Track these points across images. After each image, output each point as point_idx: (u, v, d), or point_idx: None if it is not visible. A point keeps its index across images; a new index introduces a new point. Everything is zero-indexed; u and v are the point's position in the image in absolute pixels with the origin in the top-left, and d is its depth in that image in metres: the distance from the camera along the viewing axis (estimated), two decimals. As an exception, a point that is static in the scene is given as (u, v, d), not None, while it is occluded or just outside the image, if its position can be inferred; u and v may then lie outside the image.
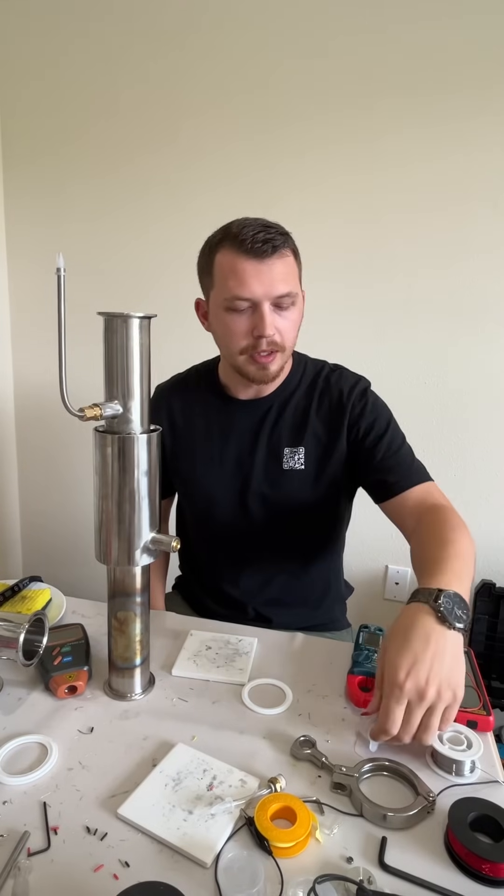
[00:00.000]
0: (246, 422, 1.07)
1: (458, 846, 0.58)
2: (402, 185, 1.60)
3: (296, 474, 1.05)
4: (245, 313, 0.92)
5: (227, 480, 1.08)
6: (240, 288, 0.90)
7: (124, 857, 0.57)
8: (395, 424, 1.07)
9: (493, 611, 1.70)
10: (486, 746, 0.71)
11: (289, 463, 1.05)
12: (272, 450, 1.05)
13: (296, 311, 0.96)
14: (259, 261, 0.89)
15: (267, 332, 0.91)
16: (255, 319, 0.92)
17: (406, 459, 1.04)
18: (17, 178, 1.91)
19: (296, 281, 0.95)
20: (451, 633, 0.69)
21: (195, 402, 1.10)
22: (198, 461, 1.09)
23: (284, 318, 0.94)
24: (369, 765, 0.68)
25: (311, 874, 0.55)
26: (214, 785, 0.65)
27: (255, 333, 0.92)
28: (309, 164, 1.64)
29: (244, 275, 0.89)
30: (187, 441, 1.10)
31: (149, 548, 0.76)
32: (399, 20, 1.51)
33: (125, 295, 1.89)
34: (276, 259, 0.90)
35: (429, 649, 0.67)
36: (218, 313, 0.96)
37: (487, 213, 1.56)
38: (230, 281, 0.90)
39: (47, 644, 0.80)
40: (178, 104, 1.72)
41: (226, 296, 0.92)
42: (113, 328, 0.70)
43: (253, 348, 0.94)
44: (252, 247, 0.88)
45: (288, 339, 0.96)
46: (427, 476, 1.04)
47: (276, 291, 0.90)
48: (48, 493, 2.17)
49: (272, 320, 0.92)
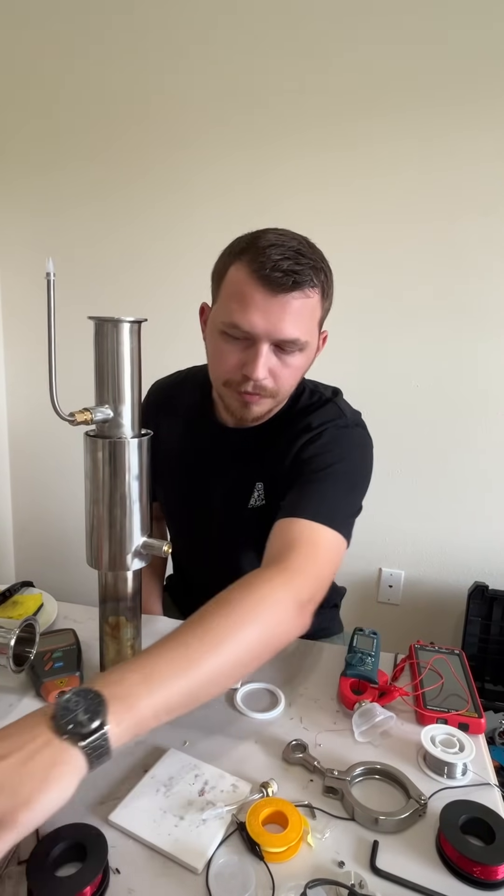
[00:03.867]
0: (226, 452, 0.96)
1: (449, 849, 0.58)
2: (397, 191, 1.61)
3: (258, 511, 0.93)
4: (239, 345, 0.79)
5: (194, 512, 1.01)
6: (240, 316, 0.76)
7: (115, 863, 0.56)
8: (347, 470, 0.85)
9: (485, 613, 1.71)
10: (477, 749, 0.71)
11: (252, 500, 0.93)
12: (242, 485, 0.94)
13: (301, 358, 0.81)
14: (272, 294, 0.74)
15: (256, 376, 0.78)
16: (249, 356, 0.78)
17: (314, 492, 0.80)
18: (7, 182, 1.91)
19: (313, 326, 0.81)
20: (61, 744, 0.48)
21: (183, 418, 1.01)
22: (173, 486, 1.03)
23: (285, 363, 0.80)
24: (361, 768, 0.68)
25: (302, 879, 0.54)
26: (206, 790, 0.65)
27: (244, 372, 0.79)
28: (307, 168, 1.66)
29: (250, 304, 0.75)
30: (167, 463, 1.00)
31: (140, 552, 0.76)
32: (392, 33, 1.53)
33: (118, 300, 1.89)
34: (296, 297, 0.75)
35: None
36: (213, 333, 0.83)
37: (480, 218, 1.58)
38: (233, 304, 0.77)
39: (38, 650, 0.80)
40: (177, 107, 1.72)
41: (224, 319, 0.79)
42: (103, 332, 0.70)
43: (238, 384, 0.81)
44: (270, 274, 0.73)
45: (283, 386, 0.82)
46: (330, 520, 0.76)
47: (280, 334, 0.76)
48: (40, 497, 2.17)
49: (266, 362, 0.78)
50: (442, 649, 0.91)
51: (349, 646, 0.90)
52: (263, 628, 0.63)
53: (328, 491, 0.81)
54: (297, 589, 0.68)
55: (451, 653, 0.90)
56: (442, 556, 1.81)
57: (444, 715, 0.76)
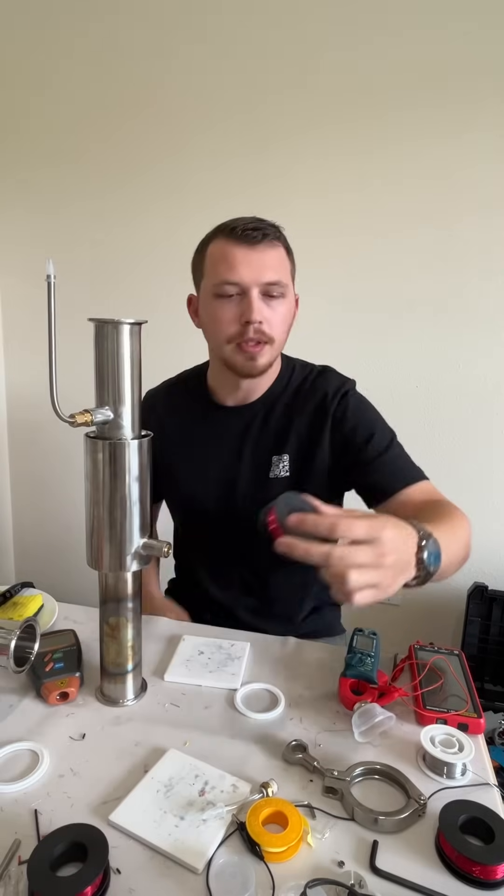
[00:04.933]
0: (232, 429, 1.06)
1: (448, 849, 0.58)
2: (398, 190, 1.62)
3: (281, 482, 1.03)
4: (234, 300, 0.92)
5: (213, 488, 1.07)
6: (229, 272, 0.90)
7: (115, 863, 0.56)
8: (383, 424, 1.04)
9: (485, 613, 1.71)
10: (477, 749, 0.72)
11: (274, 471, 1.03)
12: (258, 458, 1.04)
13: (285, 304, 0.95)
14: (249, 247, 0.90)
15: (254, 318, 0.91)
16: (243, 306, 0.92)
17: (397, 458, 1.00)
18: (9, 184, 1.92)
19: (286, 273, 0.95)
20: (413, 567, 0.67)
21: (182, 408, 1.10)
22: (184, 468, 1.08)
23: (273, 308, 0.93)
24: (360, 768, 0.68)
25: (302, 879, 0.55)
26: (206, 790, 0.65)
27: (243, 319, 0.92)
28: (307, 170, 1.66)
29: (234, 260, 0.90)
30: (174, 447, 1.08)
31: (140, 553, 0.76)
32: (392, 36, 1.53)
33: (118, 301, 1.89)
34: (267, 247, 0.91)
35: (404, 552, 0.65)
36: (207, 302, 0.96)
37: (482, 217, 1.58)
38: (220, 266, 0.92)
39: (39, 650, 0.80)
40: (178, 107, 1.73)
41: (215, 281, 0.92)
42: (104, 334, 0.70)
43: (240, 336, 0.93)
44: (243, 233, 0.90)
45: (276, 331, 0.94)
46: (422, 474, 1.00)
47: (264, 278, 0.91)
48: (40, 498, 2.17)
49: (259, 307, 0.91)
50: (441, 650, 0.91)
51: (349, 646, 0.90)
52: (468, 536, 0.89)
53: (397, 452, 1.01)
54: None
55: (450, 653, 0.90)
56: (442, 556, 1.81)
57: (443, 715, 0.76)
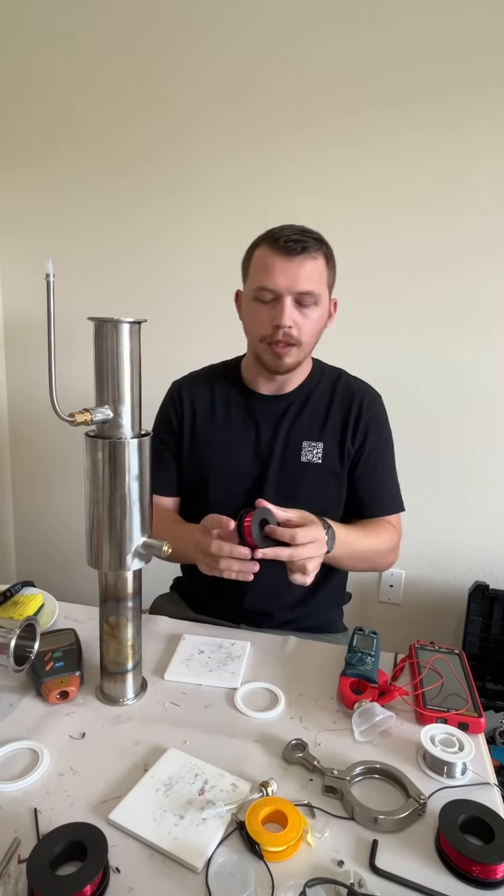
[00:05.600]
0: (267, 413, 1.11)
1: (448, 848, 0.58)
2: (399, 189, 1.61)
3: (313, 468, 1.09)
4: (269, 305, 1.00)
5: (245, 468, 1.10)
6: (266, 279, 0.98)
7: (115, 862, 0.56)
8: (392, 447, 1.15)
9: (486, 612, 1.71)
10: (477, 748, 0.72)
11: (307, 456, 1.09)
12: (291, 442, 1.09)
13: (317, 311, 1.01)
14: (288, 258, 0.97)
15: (284, 323, 0.98)
16: (276, 311, 0.99)
17: (389, 485, 1.13)
18: (8, 184, 1.92)
19: (321, 283, 1.01)
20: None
21: (217, 392, 1.15)
22: (217, 447, 1.12)
23: (305, 315, 1.00)
24: (360, 768, 0.68)
25: (301, 878, 0.55)
26: (206, 789, 0.65)
27: (274, 323, 0.99)
28: (307, 167, 1.65)
29: (272, 269, 0.97)
30: (208, 428, 1.13)
31: (140, 552, 0.76)
32: (392, 27, 1.53)
33: (119, 300, 1.89)
34: (305, 259, 0.97)
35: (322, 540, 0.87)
36: (248, 302, 1.04)
37: (483, 216, 1.58)
38: (260, 273, 0.99)
39: (39, 649, 0.80)
40: (178, 106, 1.72)
41: (255, 285, 1.00)
42: (103, 333, 0.70)
43: (271, 337, 1.00)
44: (284, 244, 0.97)
45: (305, 335, 1.01)
46: (400, 505, 1.14)
47: (298, 287, 0.97)
48: (41, 498, 2.17)
49: (291, 313, 0.98)
50: (442, 649, 0.91)
51: (349, 645, 0.90)
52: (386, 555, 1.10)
53: (392, 479, 1.15)
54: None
55: (451, 652, 0.90)
56: (442, 555, 1.81)
57: (443, 714, 0.76)
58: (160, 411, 1.18)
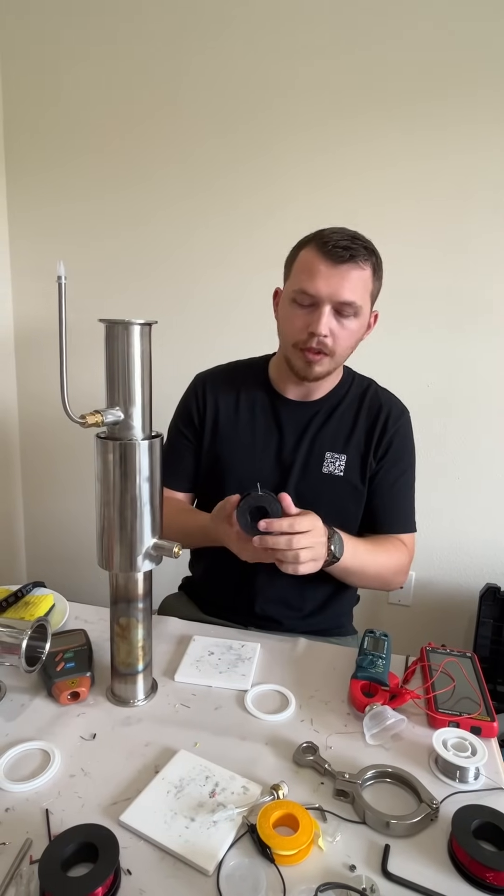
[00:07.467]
0: (292, 420, 1.08)
1: (461, 854, 0.57)
2: (399, 189, 1.60)
3: (334, 480, 1.06)
4: (306, 309, 0.96)
5: (264, 474, 1.08)
6: (308, 283, 0.94)
7: (126, 864, 0.56)
8: (413, 466, 1.12)
9: (497, 615, 1.69)
10: (490, 753, 0.71)
11: (328, 467, 1.07)
12: (315, 451, 1.07)
13: (356, 323, 0.98)
14: (334, 264, 0.93)
15: (320, 331, 0.94)
16: (314, 317, 0.95)
17: (405, 503, 1.10)
18: (21, 188, 1.93)
19: (364, 294, 0.97)
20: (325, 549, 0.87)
21: (243, 392, 1.12)
22: (238, 449, 1.10)
23: (342, 325, 0.97)
24: (372, 771, 0.68)
25: (313, 882, 0.54)
26: (217, 792, 0.65)
27: (310, 330, 0.96)
28: (307, 165, 1.65)
29: (316, 273, 0.94)
30: (230, 428, 1.11)
31: (150, 554, 0.76)
32: (394, 28, 1.52)
33: (129, 302, 1.89)
34: (351, 267, 0.93)
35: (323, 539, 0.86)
36: (285, 303, 1.01)
37: (490, 214, 1.57)
38: (302, 275, 0.96)
39: (50, 650, 0.80)
40: (180, 109, 1.73)
41: (295, 287, 0.97)
42: (114, 335, 0.70)
43: (304, 343, 0.97)
44: (332, 250, 0.92)
45: (340, 346, 0.98)
46: (413, 526, 1.11)
47: (339, 297, 0.93)
48: (51, 499, 2.18)
49: (328, 322, 0.95)
50: (454, 652, 0.90)
51: (360, 648, 0.90)
52: (396, 575, 1.08)
53: (409, 498, 1.12)
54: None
55: (462, 655, 0.90)
56: (453, 557, 1.80)
57: (456, 718, 0.75)
58: (182, 402, 1.16)
